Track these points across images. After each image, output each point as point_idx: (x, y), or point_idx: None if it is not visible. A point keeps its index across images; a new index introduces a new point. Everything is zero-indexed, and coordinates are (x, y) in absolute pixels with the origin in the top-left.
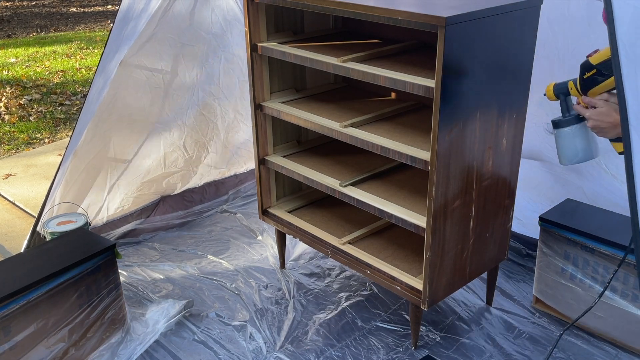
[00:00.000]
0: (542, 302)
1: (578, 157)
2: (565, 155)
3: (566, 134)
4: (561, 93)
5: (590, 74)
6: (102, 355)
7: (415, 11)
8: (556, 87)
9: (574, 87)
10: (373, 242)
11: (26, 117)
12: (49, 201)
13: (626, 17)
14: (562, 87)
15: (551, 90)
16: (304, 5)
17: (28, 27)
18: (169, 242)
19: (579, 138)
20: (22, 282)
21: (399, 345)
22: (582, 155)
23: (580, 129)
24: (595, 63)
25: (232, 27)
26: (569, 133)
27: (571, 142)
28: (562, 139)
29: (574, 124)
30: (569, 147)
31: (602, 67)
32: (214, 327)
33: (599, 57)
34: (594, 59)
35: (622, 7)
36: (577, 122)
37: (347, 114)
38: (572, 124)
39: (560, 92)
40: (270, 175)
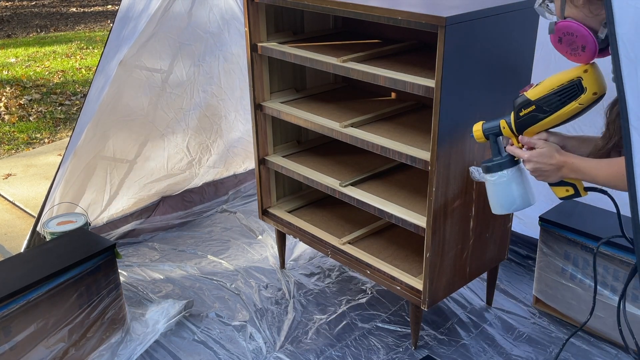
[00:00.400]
0: (542, 302)
1: (515, 204)
2: (500, 203)
3: (500, 180)
4: (491, 133)
5: (528, 111)
6: (102, 355)
7: (415, 11)
8: (486, 127)
9: (507, 127)
10: (373, 242)
11: (26, 117)
12: (48, 201)
13: (626, 17)
14: (492, 127)
15: (480, 130)
16: (304, 5)
17: (28, 27)
18: (169, 242)
19: (514, 183)
20: (22, 282)
21: (399, 345)
22: (520, 202)
23: (516, 173)
24: (534, 99)
25: (230, 26)
26: (503, 178)
27: (507, 189)
28: (495, 186)
29: (508, 168)
30: (504, 195)
31: (543, 103)
32: (214, 327)
33: (538, 92)
34: (533, 94)
35: (623, 8)
36: (511, 166)
37: (347, 114)
38: (506, 167)
39: (491, 133)
40: (270, 175)
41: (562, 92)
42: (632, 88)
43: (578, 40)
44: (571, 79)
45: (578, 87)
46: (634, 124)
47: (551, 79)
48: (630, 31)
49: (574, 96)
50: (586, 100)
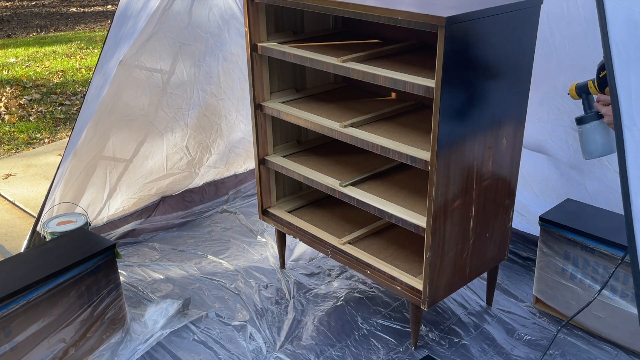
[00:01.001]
0: (542, 302)
1: (599, 151)
2: (586, 149)
3: (587, 130)
4: (582, 92)
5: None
6: (102, 355)
7: (415, 11)
8: (578, 86)
9: (593, 86)
10: (373, 242)
11: (26, 117)
12: (48, 201)
13: (619, 17)
14: (583, 86)
15: (574, 89)
16: (304, 5)
17: (28, 27)
18: (169, 242)
19: (598, 134)
20: (22, 282)
21: (399, 345)
22: (602, 149)
23: (600, 125)
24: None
25: (230, 25)
26: (589, 129)
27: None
28: (583, 135)
29: (594, 121)
30: (590, 142)
31: None
32: (214, 327)
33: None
34: None
35: (615, 8)
36: (596, 119)
37: (347, 114)
38: (592, 120)
39: (582, 91)
40: (270, 175)
41: None
42: (625, 88)
43: None
44: None
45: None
46: (627, 123)
47: None
48: (622, 32)
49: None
50: None
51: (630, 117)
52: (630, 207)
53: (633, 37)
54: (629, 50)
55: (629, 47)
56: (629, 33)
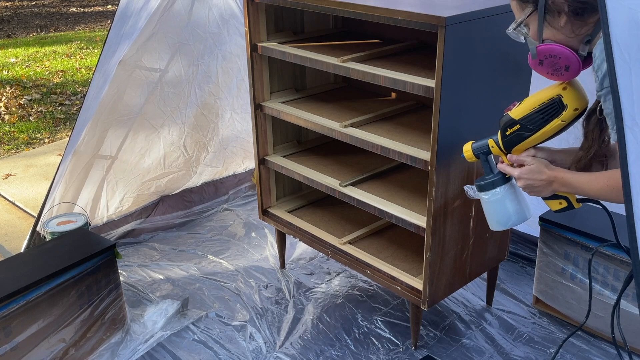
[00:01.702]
0: (542, 302)
1: (511, 220)
2: (496, 220)
3: (494, 197)
4: (481, 153)
5: (513, 130)
6: (102, 355)
7: (415, 11)
8: (475, 147)
9: (495, 145)
10: (373, 242)
11: (26, 117)
12: (48, 201)
13: (620, 17)
14: (481, 147)
15: (470, 150)
16: (304, 5)
17: (28, 27)
18: (169, 242)
19: (508, 200)
20: (22, 282)
21: (399, 345)
22: (515, 218)
23: (509, 190)
24: (518, 118)
25: (229, 25)
26: (497, 195)
27: (501, 205)
28: (490, 203)
29: (501, 185)
30: (499, 212)
31: (527, 122)
32: (214, 327)
33: (521, 111)
34: (516, 113)
35: (616, 8)
36: (503, 183)
37: (347, 114)
38: (498, 185)
39: (481, 152)
40: (270, 175)
41: (544, 111)
42: (626, 88)
43: (561, 62)
44: (551, 97)
45: (559, 104)
46: (628, 124)
47: (532, 98)
48: (624, 32)
49: (555, 114)
50: (568, 116)
51: (632, 118)
52: (632, 208)
53: (635, 38)
54: (630, 50)
55: (630, 47)
56: (631, 33)
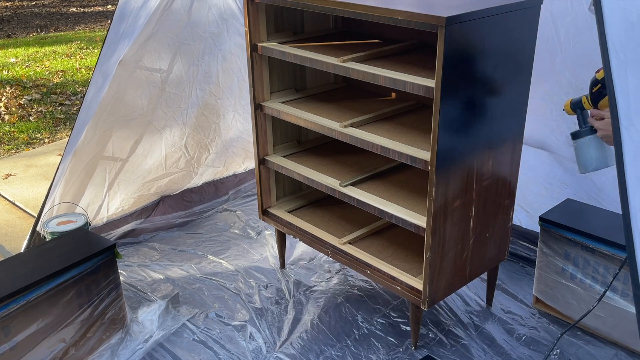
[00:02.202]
0: (542, 302)
1: (593, 165)
2: (581, 164)
3: (582, 144)
4: (577, 107)
5: (597, 88)
6: (102, 355)
7: (415, 11)
8: (572, 102)
9: (587, 101)
10: (373, 242)
11: (26, 117)
12: (48, 201)
13: (616, 17)
14: (577, 102)
15: (568, 105)
16: (304, 5)
17: (28, 27)
18: (169, 242)
19: (592, 148)
20: (22, 282)
21: (399, 345)
22: (597, 163)
23: (594, 140)
24: (600, 78)
25: (229, 25)
26: (584, 143)
27: (586, 152)
28: (578, 149)
29: (588, 135)
30: (585, 156)
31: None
32: (213, 327)
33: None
34: (600, 74)
35: (612, 9)
36: (591, 133)
37: (347, 114)
38: (586, 134)
39: (576, 107)
40: (270, 175)
41: None
42: (622, 89)
43: None
44: None
45: None
46: (624, 124)
47: None
48: (620, 32)
49: None
50: None
51: (628, 118)
52: (629, 208)
53: (631, 38)
54: (626, 51)
55: (626, 47)
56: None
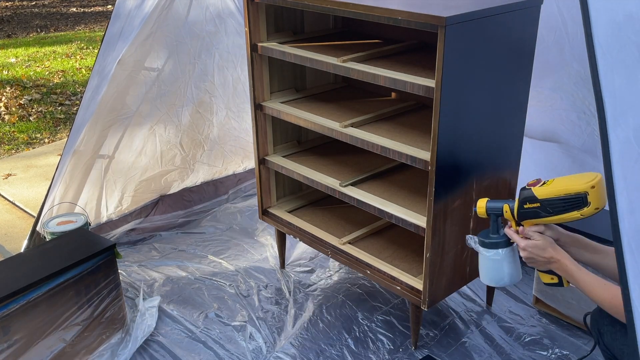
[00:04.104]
0: (542, 302)
1: (503, 281)
2: (489, 277)
3: (494, 257)
4: (493, 213)
5: (532, 206)
6: (102, 355)
7: (415, 11)
8: (489, 207)
9: (509, 212)
10: (373, 242)
11: (26, 117)
12: (48, 201)
13: (602, 18)
14: (495, 208)
15: (484, 207)
16: (304, 5)
17: (28, 27)
18: (169, 242)
19: (506, 262)
20: (22, 282)
21: (399, 345)
22: (508, 280)
23: (509, 253)
24: (540, 198)
25: (227, 23)
26: (497, 256)
27: (498, 265)
28: (488, 261)
29: (504, 247)
30: (495, 270)
31: (548, 204)
32: (213, 327)
33: (546, 193)
34: (540, 193)
35: (598, 9)
36: (506, 246)
37: (347, 114)
38: (501, 247)
39: (493, 212)
40: (270, 175)
41: (568, 201)
42: (609, 90)
43: None
44: (578, 192)
45: (583, 200)
46: (611, 124)
47: (560, 184)
48: (606, 32)
49: (577, 207)
50: (588, 212)
51: (615, 118)
52: (616, 208)
53: (617, 39)
54: (613, 51)
55: (613, 48)
56: (613, 34)
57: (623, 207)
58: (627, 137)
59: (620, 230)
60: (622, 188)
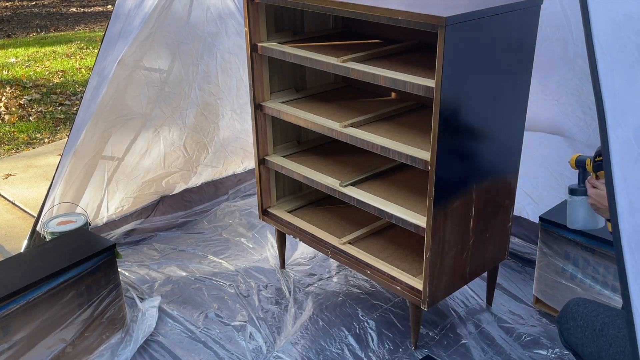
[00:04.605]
0: (542, 302)
1: (579, 224)
2: (570, 219)
3: (574, 202)
4: (580, 166)
5: (600, 158)
6: (102, 355)
7: (415, 11)
8: (578, 159)
9: (589, 165)
10: (373, 242)
11: (26, 117)
12: (48, 201)
13: (602, 18)
14: (581, 161)
15: (574, 160)
16: (304, 5)
17: (28, 27)
18: (169, 242)
19: (583, 208)
20: (22, 282)
21: (399, 345)
22: (583, 223)
23: (584, 200)
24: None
25: (227, 24)
26: (576, 202)
27: (577, 210)
28: (571, 205)
29: (582, 196)
30: (574, 213)
31: None
32: (213, 327)
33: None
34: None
35: (598, 9)
36: (584, 194)
37: (347, 114)
38: (580, 194)
39: (579, 165)
40: (270, 175)
41: None
42: (609, 89)
43: None
44: None
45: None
46: (611, 124)
47: None
48: (606, 32)
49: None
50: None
51: (614, 118)
52: (616, 208)
53: (617, 38)
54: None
55: (612, 48)
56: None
57: (623, 207)
58: (627, 137)
59: (620, 230)
60: (622, 188)
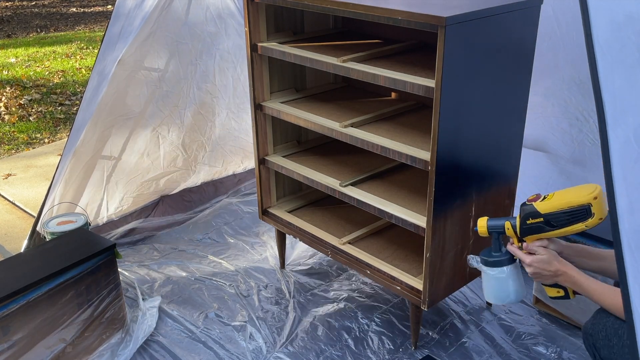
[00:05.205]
0: (542, 302)
1: (509, 298)
2: (495, 295)
3: (498, 275)
4: (495, 231)
5: (535, 221)
6: (102, 355)
7: (415, 11)
8: (490, 225)
9: (511, 229)
10: (373, 242)
11: (26, 117)
12: (48, 201)
13: (602, 18)
14: (497, 226)
15: (484, 226)
16: (304, 5)
17: (28, 27)
18: (169, 242)
19: (511, 279)
20: (22, 282)
21: (399, 345)
22: (514, 297)
23: (513, 270)
24: (543, 212)
25: (227, 24)
26: (502, 274)
27: (503, 284)
28: (493, 279)
29: (507, 265)
30: (500, 288)
31: (551, 218)
32: (213, 327)
33: (548, 207)
34: (543, 207)
35: (598, 9)
36: (510, 263)
37: (347, 114)
38: (505, 264)
39: (494, 230)
40: (270, 175)
41: (572, 214)
42: (609, 89)
43: None
44: (582, 204)
45: (587, 212)
46: (611, 124)
47: (562, 197)
48: (606, 33)
49: (581, 219)
50: (592, 224)
51: (614, 118)
52: (616, 208)
53: (617, 38)
54: (612, 51)
55: (612, 48)
56: (613, 34)
57: (623, 207)
58: (627, 137)
59: (620, 231)
60: (622, 188)
